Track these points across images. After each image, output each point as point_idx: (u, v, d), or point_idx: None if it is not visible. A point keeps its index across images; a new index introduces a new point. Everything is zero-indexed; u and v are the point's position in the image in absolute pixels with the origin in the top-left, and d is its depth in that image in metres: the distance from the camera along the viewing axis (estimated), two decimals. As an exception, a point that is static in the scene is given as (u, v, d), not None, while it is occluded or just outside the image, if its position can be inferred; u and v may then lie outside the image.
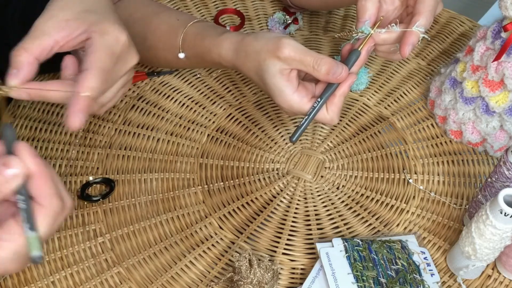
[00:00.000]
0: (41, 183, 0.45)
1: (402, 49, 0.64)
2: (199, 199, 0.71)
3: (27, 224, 0.44)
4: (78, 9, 0.54)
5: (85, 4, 0.55)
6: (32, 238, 0.44)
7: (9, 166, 0.44)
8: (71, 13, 0.53)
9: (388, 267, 0.62)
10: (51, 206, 0.45)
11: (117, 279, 0.63)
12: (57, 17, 0.53)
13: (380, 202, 0.72)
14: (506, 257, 0.64)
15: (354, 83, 0.83)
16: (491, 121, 0.72)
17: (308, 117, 0.64)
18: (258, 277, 0.61)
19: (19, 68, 0.51)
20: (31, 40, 0.52)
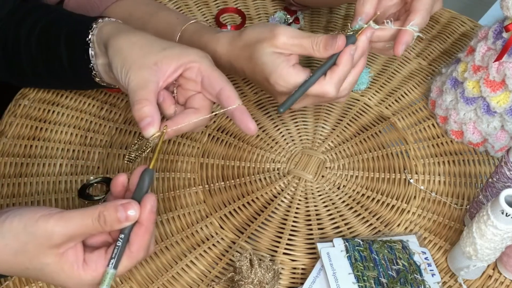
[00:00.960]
0: (142, 235, 0.49)
1: (395, 48, 0.65)
2: (200, 199, 0.71)
3: (113, 260, 0.49)
4: (156, 51, 0.58)
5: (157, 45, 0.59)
6: (110, 274, 0.49)
7: (131, 209, 0.49)
8: (154, 56, 0.58)
9: (389, 267, 0.62)
10: (137, 255, 0.50)
11: (118, 278, 0.63)
12: (145, 65, 0.57)
13: (381, 202, 0.72)
14: (507, 258, 0.64)
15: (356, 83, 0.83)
16: (492, 122, 0.72)
17: (302, 86, 0.62)
18: (259, 277, 0.61)
19: (153, 115, 0.55)
20: (143, 91, 0.56)
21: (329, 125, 0.80)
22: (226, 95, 0.58)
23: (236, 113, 0.58)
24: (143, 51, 0.58)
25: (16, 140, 0.73)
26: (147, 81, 0.57)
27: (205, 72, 0.59)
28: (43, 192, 0.69)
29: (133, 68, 0.57)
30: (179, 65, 0.58)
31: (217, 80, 0.59)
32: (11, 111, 0.76)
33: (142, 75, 0.57)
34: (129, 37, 0.60)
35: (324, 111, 0.81)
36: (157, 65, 0.57)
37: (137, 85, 0.57)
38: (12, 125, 0.75)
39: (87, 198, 0.69)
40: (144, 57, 0.58)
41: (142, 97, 0.56)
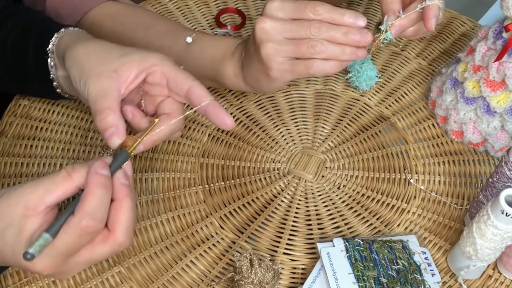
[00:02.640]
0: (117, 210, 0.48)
1: (426, 24, 0.65)
2: (200, 199, 0.71)
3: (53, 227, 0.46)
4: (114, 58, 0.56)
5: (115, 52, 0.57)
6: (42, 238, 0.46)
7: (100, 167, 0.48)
8: (111, 64, 0.56)
9: (389, 267, 0.62)
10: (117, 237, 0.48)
11: (118, 278, 0.63)
12: (104, 72, 0.55)
13: (381, 202, 0.72)
14: (507, 257, 0.64)
15: (366, 84, 0.82)
16: (492, 121, 0.72)
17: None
18: (259, 277, 0.61)
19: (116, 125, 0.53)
20: (104, 99, 0.54)
21: (329, 125, 0.80)
22: (196, 94, 0.56)
23: (209, 109, 0.56)
24: (100, 59, 0.56)
25: (16, 140, 0.73)
26: (107, 90, 0.54)
27: (168, 74, 0.57)
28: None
29: (91, 77, 0.55)
30: (141, 70, 0.56)
31: (183, 80, 0.57)
32: (11, 111, 0.76)
33: (101, 83, 0.55)
34: (85, 45, 0.58)
35: (324, 111, 0.81)
36: (116, 72, 0.55)
37: (97, 94, 0.54)
38: (12, 125, 0.75)
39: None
40: (102, 65, 0.56)
41: (104, 107, 0.53)
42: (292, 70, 0.65)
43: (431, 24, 0.65)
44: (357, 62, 0.84)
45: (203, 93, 0.56)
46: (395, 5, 0.65)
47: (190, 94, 0.56)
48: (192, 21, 0.91)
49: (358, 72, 0.83)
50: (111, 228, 0.48)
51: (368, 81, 0.83)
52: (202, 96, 0.56)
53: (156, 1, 0.92)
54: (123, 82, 0.55)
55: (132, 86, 0.56)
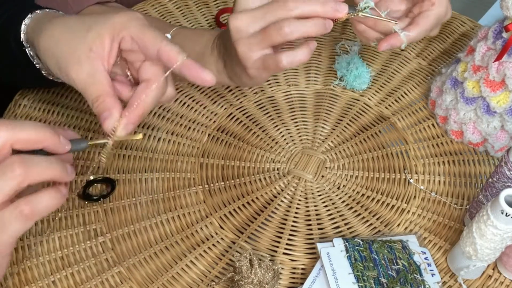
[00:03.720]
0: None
1: (380, 44, 0.65)
2: (200, 199, 0.71)
3: None
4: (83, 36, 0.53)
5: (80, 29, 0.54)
6: None
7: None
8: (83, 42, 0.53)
9: (389, 267, 0.62)
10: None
11: (118, 278, 0.63)
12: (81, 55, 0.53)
13: (381, 202, 0.72)
14: (507, 257, 0.64)
15: (358, 83, 0.83)
16: (492, 121, 0.72)
17: None
18: (258, 277, 0.61)
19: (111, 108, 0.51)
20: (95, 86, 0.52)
21: (329, 125, 0.80)
22: (166, 56, 0.52)
23: (183, 69, 0.52)
24: (71, 43, 0.53)
25: (16, 140, 0.73)
26: (93, 74, 0.52)
27: (136, 37, 0.53)
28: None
29: (71, 66, 0.53)
30: (111, 39, 0.53)
31: (151, 41, 0.52)
32: (11, 111, 0.76)
33: (84, 70, 0.52)
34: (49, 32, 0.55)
35: (324, 111, 0.81)
36: (92, 51, 0.52)
37: (85, 82, 0.52)
38: (12, 125, 0.75)
39: (87, 198, 0.69)
40: (75, 48, 0.53)
41: (97, 93, 0.52)
42: (265, 67, 0.61)
43: (383, 46, 0.65)
44: (342, 64, 0.84)
45: (174, 53, 0.52)
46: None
47: (161, 57, 0.53)
48: (192, 21, 0.91)
49: (345, 74, 0.83)
50: None
51: (358, 79, 0.83)
52: (172, 57, 0.52)
53: (156, 1, 0.92)
54: (102, 58, 0.53)
55: (112, 59, 0.54)
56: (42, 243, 0.65)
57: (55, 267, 0.63)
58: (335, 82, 0.84)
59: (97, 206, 0.69)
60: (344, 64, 0.84)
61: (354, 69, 0.83)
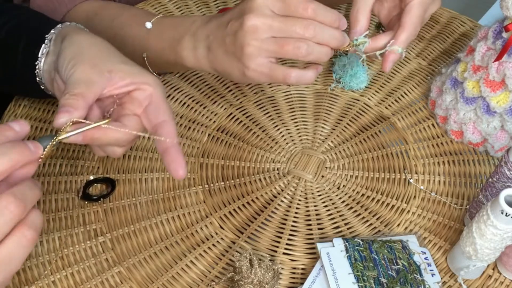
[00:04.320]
0: None
1: (383, 65, 0.65)
2: (200, 199, 0.71)
3: None
4: (115, 61, 0.56)
5: (120, 56, 0.57)
6: None
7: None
8: (111, 64, 0.55)
9: (389, 267, 0.62)
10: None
11: (118, 278, 0.63)
12: (98, 67, 0.55)
13: (380, 202, 0.72)
14: (507, 257, 0.64)
15: (355, 83, 0.83)
16: (492, 121, 0.72)
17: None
18: (258, 277, 0.61)
19: (76, 108, 0.51)
20: (83, 86, 0.53)
21: (329, 125, 0.80)
22: (167, 129, 0.55)
23: (170, 150, 0.54)
24: (101, 55, 0.56)
25: (16, 140, 0.73)
26: (93, 82, 0.53)
27: (155, 99, 0.56)
28: (43, 192, 0.69)
29: (84, 64, 0.54)
30: (133, 82, 0.56)
31: (164, 111, 0.56)
32: (11, 111, 0.76)
33: (90, 74, 0.54)
34: (93, 37, 0.58)
35: (324, 111, 0.82)
36: (110, 74, 0.55)
37: (80, 79, 0.53)
38: (12, 125, 0.75)
39: (88, 198, 0.69)
40: (100, 61, 0.55)
41: (80, 92, 0.52)
42: (270, 75, 0.62)
43: (387, 67, 0.65)
44: (339, 66, 0.84)
45: (173, 132, 0.55)
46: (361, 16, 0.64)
47: (162, 127, 0.55)
48: (192, 21, 0.91)
49: (341, 76, 0.83)
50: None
51: (355, 79, 0.83)
52: (171, 134, 0.55)
53: (156, 1, 0.92)
54: (111, 84, 0.55)
55: (116, 91, 0.56)
56: (42, 243, 0.65)
57: (55, 267, 0.63)
58: (332, 85, 0.84)
59: (97, 206, 0.69)
60: (340, 65, 0.84)
61: (349, 69, 0.82)
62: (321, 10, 0.60)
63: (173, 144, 0.54)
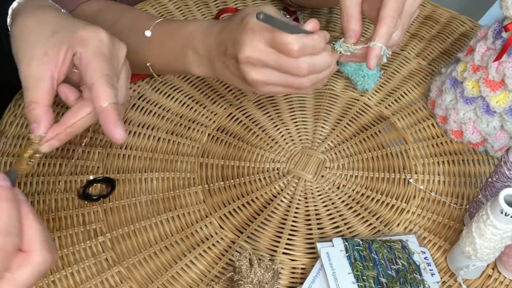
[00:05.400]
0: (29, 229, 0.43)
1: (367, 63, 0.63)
2: (200, 199, 0.71)
3: None
4: (45, 37, 0.53)
5: (47, 28, 0.54)
6: None
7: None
8: (42, 44, 0.52)
9: (389, 266, 0.62)
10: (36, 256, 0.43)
11: (118, 278, 0.63)
12: (34, 56, 0.52)
13: (380, 202, 0.72)
14: (507, 257, 0.64)
15: (364, 83, 0.82)
16: (491, 121, 0.72)
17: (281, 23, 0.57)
18: (258, 277, 0.61)
19: (39, 121, 0.51)
20: (33, 91, 0.51)
21: (329, 125, 0.80)
22: (94, 93, 0.51)
23: (101, 116, 0.50)
24: (32, 39, 0.52)
25: (16, 140, 0.74)
26: (37, 80, 0.51)
27: (84, 59, 0.52)
28: (43, 192, 0.69)
29: (23, 62, 0.52)
30: (66, 51, 0.52)
31: (91, 72, 0.51)
32: (11, 111, 0.76)
33: (31, 71, 0.51)
34: (22, 20, 0.54)
35: (324, 111, 0.82)
36: (47, 56, 0.51)
37: (28, 84, 0.51)
38: (12, 125, 0.75)
39: (87, 198, 0.69)
40: (33, 47, 0.52)
41: (31, 100, 0.50)
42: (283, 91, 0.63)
43: (372, 64, 0.63)
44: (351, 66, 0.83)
45: (101, 94, 0.51)
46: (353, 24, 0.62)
47: (92, 92, 0.51)
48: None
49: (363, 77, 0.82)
50: (26, 249, 0.43)
51: (374, 79, 0.83)
52: (98, 97, 0.51)
53: (156, 1, 0.92)
54: (55, 66, 0.52)
55: (64, 69, 0.53)
56: (42, 243, 0.65)
57: (55, 267, 0.63)
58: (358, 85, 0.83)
59: (97, 206, 0.69)
60: (353, 65, 0.83)
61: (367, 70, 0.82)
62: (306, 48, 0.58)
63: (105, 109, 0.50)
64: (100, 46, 0.53)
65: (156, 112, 0.79)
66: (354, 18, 0.62)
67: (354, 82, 0.83)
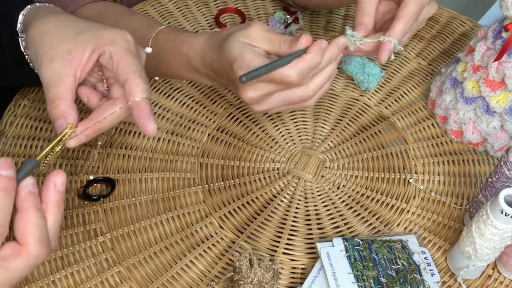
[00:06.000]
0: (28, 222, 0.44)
1: (379, 57, 0.64)
2: (200, 199, 0.71)
3: None
4: (68, 37, 0.53)
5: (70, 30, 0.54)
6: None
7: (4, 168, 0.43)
8: (66, 44, 0.53)
9: (389, 266, 0.62)
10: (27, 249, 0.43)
11: (118, 278, 0.63)
12: (58, 54, 0.53)
13: (380, 202, 0.72)
14: (507, 257, 0.64)
15: (366, 82, 0.82)
16: (491, 121, 0.72)
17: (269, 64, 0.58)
18: (258, 277, 0.61)
19: (65, 116, 0.51)
20: (56, 87, 0.52)
21: (329, 125, 0.80)
22: (128, 88, 0.52)
23: (135, 109, 0.52)
24: (53, 40, 0.53)
25: (16, 140, 0.74)
26: (60, 76, 0.52)
27: (115, 57, 0.53)
28: (43, 192, 0.69)
29: (45, 61, 0.52)
30: (92, 50, 0.53)
31: (124, 68, 0.52)
32: (11, 111, 0.76)
33: (54, 69, 0.52)
34: (39, 25, 0.54)
35: (324, 111, 0.82)
36: (70, 54, 0.52)
37: (50, 81, 0.52)
38: (12, 125, 0.75)
39: (87, 198, 0.69)
40: (56, 46, 0.52)
41: (55, 96, 0.51)
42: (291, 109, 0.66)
43: (383, 57, 0.63)
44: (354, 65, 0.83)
45: (135, 89, 0.52)
46: (367, 19, 0.63)
47: (125, 87, 0.52)
48: (192, 21, 0.91)
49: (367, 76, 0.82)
50: (21, 241, 0.43)
51: (377, 78, 0.83)
52: (133, 92, 0.52)
53: (156, 1, 0.92)
54: (78, 65, 0.53)
55: (87, 68, 0.54)
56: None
57: (55, 267, 0.63)
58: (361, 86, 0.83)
59: (97, 206, 0.69)
60: (357, 65, 0.83)
61: (369, 68, 0.82)
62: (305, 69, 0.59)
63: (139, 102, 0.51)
64: (128, 45, 0.54)
65: (156, 112, 0.79)
66: (369, 14, 0.63)
67: (358, 81, 0.83)
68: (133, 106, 0.52)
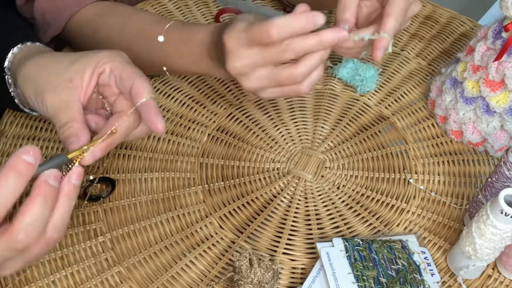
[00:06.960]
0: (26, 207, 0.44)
1: (373, 54, 0.62)
2: (200, 199, 0.71)
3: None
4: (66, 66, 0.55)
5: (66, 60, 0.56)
6: None
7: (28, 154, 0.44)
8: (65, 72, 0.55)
9: (389, 266, 0.62)
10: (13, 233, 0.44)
11: (118, 278, 0.63)
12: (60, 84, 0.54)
13: (380, 202, 0.72)
14: (507, 257, 0.64)
15: (363, 86, 0.82)
16: (491, 121, 0.72)
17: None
18: (258, 277, 0.61)
19: (77, 134, 0.52)
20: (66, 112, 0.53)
21: (329, 125, 0.80)
22: (135, 91, 0.53)
23: (142, 109, 0.53)
24: (52, 71, 0.55)
25: (16, 140, 0.74)
26: (68, 102, 0.53)
27: (116, 70, 0.55)
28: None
29: (48, 92, 0.54)
30: (92, 72, 0.55)
31: (127, 75, 0.54)
32: (11, 111, 0.76)
33: (60, 96, 0.54)
34: (34, 61, 0.56)
35: (324, 111, 0.82)
36: (72, 82, 0.54)
37: (59, 107, 0.53)
38: (12, 125, 0.75)
39: (87, 198, 0.69)
40: (56, 77, 0.54)
41: (68, 119, 0.52)
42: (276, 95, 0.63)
43: (378, 55, 0.62)
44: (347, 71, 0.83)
45: (142, 90, 0.53)
46: (348, 14, 0.61)
47: (131, 91, 0.54)
48: (192, 21, 0.91)
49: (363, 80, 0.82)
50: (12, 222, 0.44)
51: (373, 80, 0.83)
52: (140, 93, 0.53)
53: (156, 1, 0.92)
54: (80, 91, 0.55)
55: (89, 92, 0.56)
56: (42, 243, 0.65)
57: (55, 267, 0.63)
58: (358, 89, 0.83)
59: (97, 206, 0.69)
60: (350, 70, 0.83)
61: (367, 70, 0.82)
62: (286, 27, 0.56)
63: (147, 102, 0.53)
64: (125, 58, 0.57)
65: (156, 112, 0.79)
66: (350, 10, 0.61)
67: (354, 86, 0.83)
68: (142, 107, 0.53)
